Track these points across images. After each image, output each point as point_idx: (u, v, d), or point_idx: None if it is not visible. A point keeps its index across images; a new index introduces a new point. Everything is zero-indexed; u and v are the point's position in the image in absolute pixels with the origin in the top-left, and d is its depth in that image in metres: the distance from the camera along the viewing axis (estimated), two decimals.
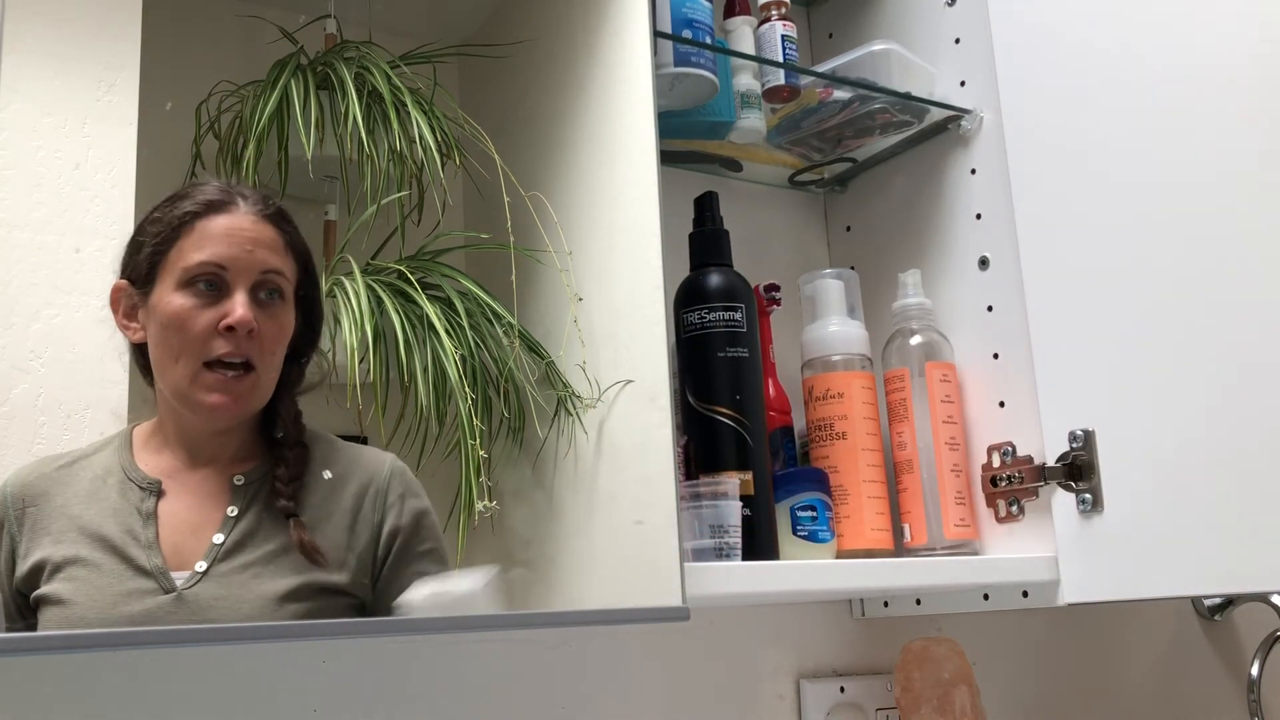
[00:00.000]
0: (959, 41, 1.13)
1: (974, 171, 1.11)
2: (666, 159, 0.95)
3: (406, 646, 0.93)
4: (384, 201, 0.90)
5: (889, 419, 1.07)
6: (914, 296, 1.09)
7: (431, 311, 0.89)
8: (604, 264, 0.93)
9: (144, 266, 0.78)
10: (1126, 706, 1.32)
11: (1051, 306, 1.01)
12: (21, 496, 0.75)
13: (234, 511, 0.78)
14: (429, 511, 0.85)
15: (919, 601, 1.10)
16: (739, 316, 0.96)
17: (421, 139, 0.90)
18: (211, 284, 0.77)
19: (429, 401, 0.87)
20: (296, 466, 0.81)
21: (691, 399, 0.94)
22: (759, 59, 1.10)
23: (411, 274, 0.90)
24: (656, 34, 0.94)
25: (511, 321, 0.93)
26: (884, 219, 1.20)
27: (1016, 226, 1.04)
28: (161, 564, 0.75)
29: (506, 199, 0.93)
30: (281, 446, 0.81)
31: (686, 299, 0.97)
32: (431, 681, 0.94)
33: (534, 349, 0.95)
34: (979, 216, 1.10)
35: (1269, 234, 0.87)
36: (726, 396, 0.94)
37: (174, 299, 0.77)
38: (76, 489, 0.76)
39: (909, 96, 1.10)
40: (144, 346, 0.78)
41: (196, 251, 0.77)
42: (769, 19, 1.10)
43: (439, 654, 0.95)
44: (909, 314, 1.09)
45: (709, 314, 0.95)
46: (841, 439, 1.02)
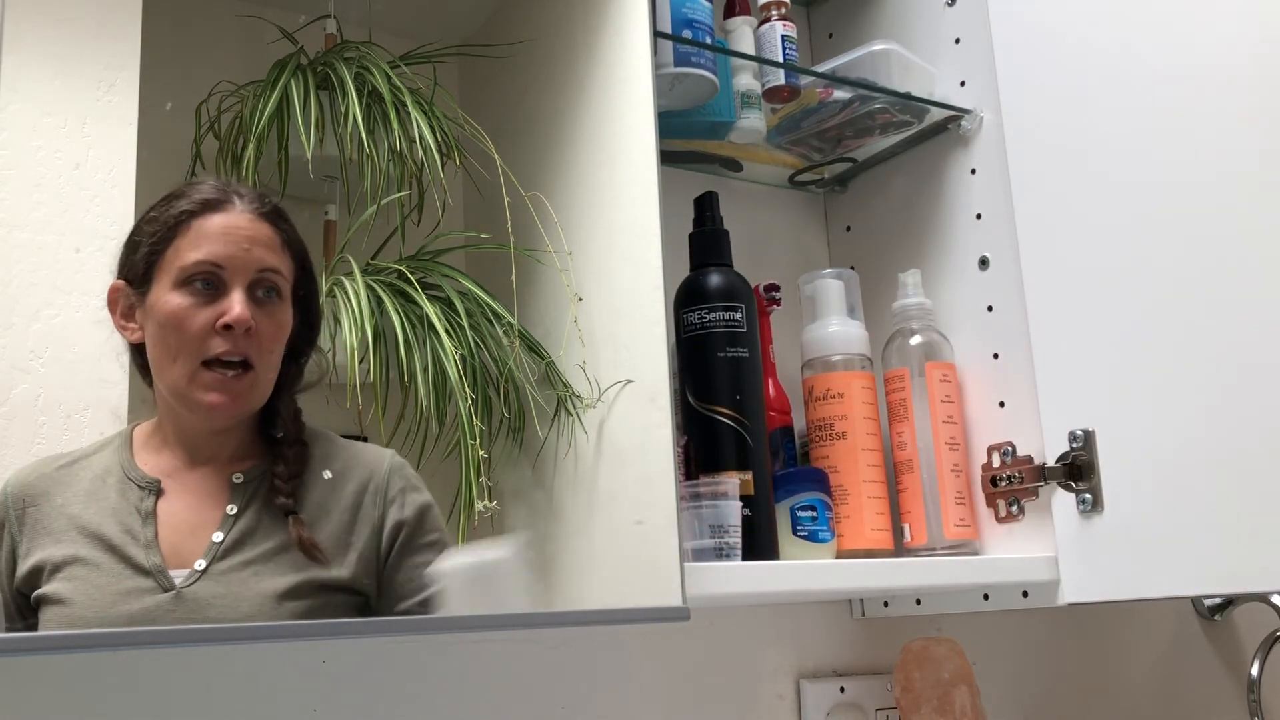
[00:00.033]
0: (959, 41, 1.13)
1: (974, 171, 1.11)
2: (666, 159, 0.96)
3: (406, 646, 0.93)
4: (384, 201, 0.90)
5: (889, 419, 1.07)
6: (914, 296, 1.09)
7: (431, 311, 0.89)
8: (604, 264, 0.93)
9: (140, 266, 0.78)
10: (1126, 706, 1.32)
11: (1051, 306, 1.01)
12: (22, 497, 0.75)
13: (233, 510, 0.78)
14: (432, 505, 0.85)
15: (919, 601, 1.10)
16: (739, 316, 0.96)
17: (421, 139, 0.90)
18: (208, 283, 0.77)
19: (429, 401, 0.87)
20: (296, 464, 0.80)
21: (691, 399, 0.94)
22: (759, 59, 1.10)
23: (411, 274, 0.90)
24: (656, 34, 0.94)
25: (511, 321, 0.93)
26: (884, 219, 1.20)
27: (1016, 226, 1.04)
28: (160, 563, 0.75)
29: (506, 199, 0.93)
30: (281, 445, 0.81)
31: (686, 299, 0.97)
32: (431, 681, 0.94)
33: (534, 349, 0.95)
34: (979, 216, 1.10)
35: (1269, 234, 0.87)
36: (726, 396, 0.94)
37: (171, 298, 0.77)
38: (76, 489, 0.76)
39: (909, 96, 1.10)
40: (142, 347, 0.78)
41: (193, 250, 0.77)
42: (769, 19, 1.10)
43: (439, 654, 0.95)
44: (909, 314, 1.09)
45: (709, 314, 0.95)
46: (841, 439, 1.02)
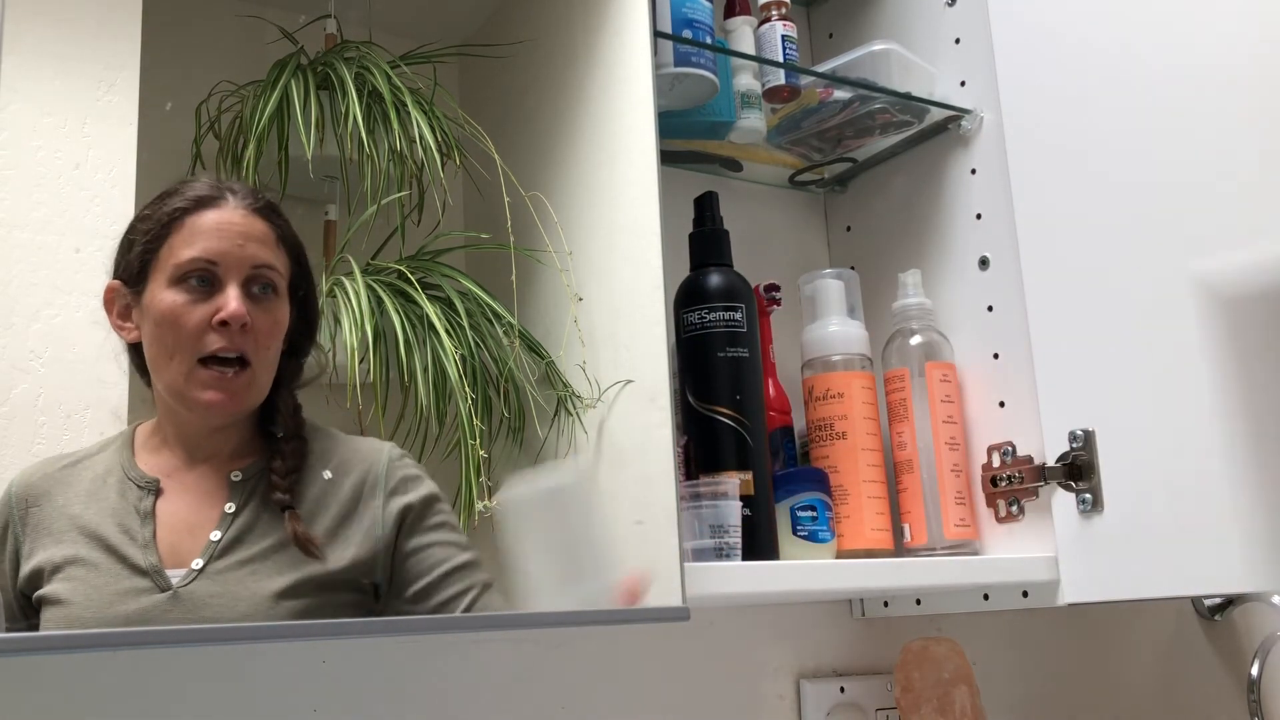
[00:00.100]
0: (959, 41, 1.13)
1: (974, 171, 1.11)
2: (666, 159, 0.96)
3: (406, 646, 0.93)
4: (384, 201, 0.90)
5: (889, 419, 1.07)
6: (914, 296, 1.09)
7: (431, 311, 0.89)
8: (604, 264, 0.93)
9: (135, 265, 0.78)
10: (1126, 706, 1.32)
11: (1051, 306, 1.01)
12: (25, 497, 0.75)
13: (231, 508, 0.78)
14: (437, 491, 0.84)
15: (919, 601, 1.10)
16: (739, 316, 0.96)
17: (421, 139, 0.90)
18: (203, 280, 0.77)
19: (429, 401, 0.87)
20: (294, 459, 0.80)
21: (691, 399, 0.94)
22: (759, 59, 1.10)
23: (411, 274, 0.90)
24: (656, 34, 0.94)
25: (511, 321, 0.93)
26: (884, 219, 1.20)
27: (1016, 226, 1.04)
28: (157, 562, 0.75)
29: (506, 199, 0.93)
30: (280, 441, 0.81)
31: (686, 299, 0.97)
32: (431, 681, 0.94)
33: (534, 349, 0.95)
34: (979, 216, 1.10)
35: (1269, 234, 0.86)
36: (726, 396, 0.94)
37: (166, 296, 0.77)
38: (78, 489, 0.76)
39: (909, 96, 1.10)
40: (140, 346, 0.78)
41: (187, 248, 0.77)
42: (769, 19, 1.10)
43: (439, 654, 0.95)
44: (909, 314, 1.09)
45: (709, 314, 0.95)
46: (841, 439, 1.02)
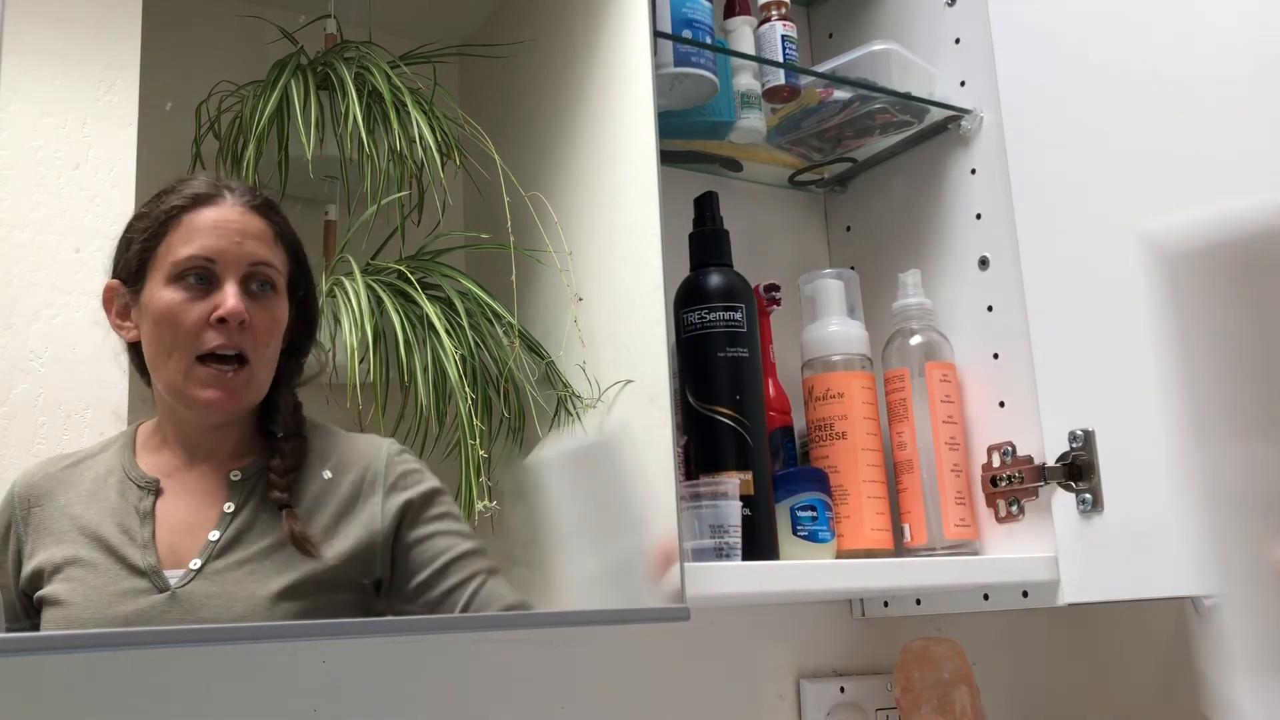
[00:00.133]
0: (959, 41, 1.13)
1: (974, 171, 1.11)
2: (666, 159, 0.96)
3: (406, 646, 0.93)
4: (384, 201, 0.90)
5: (889, 419, 1.07)
6: (914, 296, 1.09)
7: (431, 311, 0.89)
8: (604, 264, 0.93)
9: (134, 264, 0.78)
10: (1126, 706, 1.32)
11: (1051, 306, 1.01)
12: (27, 497, 0.75)
13: (230, 508, 0.78)
14: (439, 485, 0.84)
15: (919, 601, 1.10)
16: (739, 316, 0.96)
17: (421, 139, 0.90)
18: (201, 277, 0.77)
19: (429, 401, 0.87)
20: (293, 458, 0.80)
21: (691, 399, 0.94)
22: (759, 59, 1.10)
23: (411, 274, 0.90)
24: (656, 34, 0.94)
25: (511, 321, 0.93)
26: (884, 219, 1.20)
27: (1016, 226, 1.04)
28: (155, 563, 0.75)
29: (506, 199, 0.93)
30: (279, 440, 0.81)
31: (686, 299, 0.97)
32: (431, 681, 0.94)
33: (534, 349, 0.95)
34: (979, 216, 1.10)
35: None
36: (726, 396, 0.94)
37: (164, 294, 0.77)
38: (79, 489, 0.76)
39: (909, 96, 1.10)
40: (139, 346, 0.78)
41: (184, 246, 0.77)
42: (769, 19, 1.10)
43: (439, 654, 0.95)
44: (909, 314, 1.09)
45: (709, 314, 0.95)
46: (841, 439, 1.02)
